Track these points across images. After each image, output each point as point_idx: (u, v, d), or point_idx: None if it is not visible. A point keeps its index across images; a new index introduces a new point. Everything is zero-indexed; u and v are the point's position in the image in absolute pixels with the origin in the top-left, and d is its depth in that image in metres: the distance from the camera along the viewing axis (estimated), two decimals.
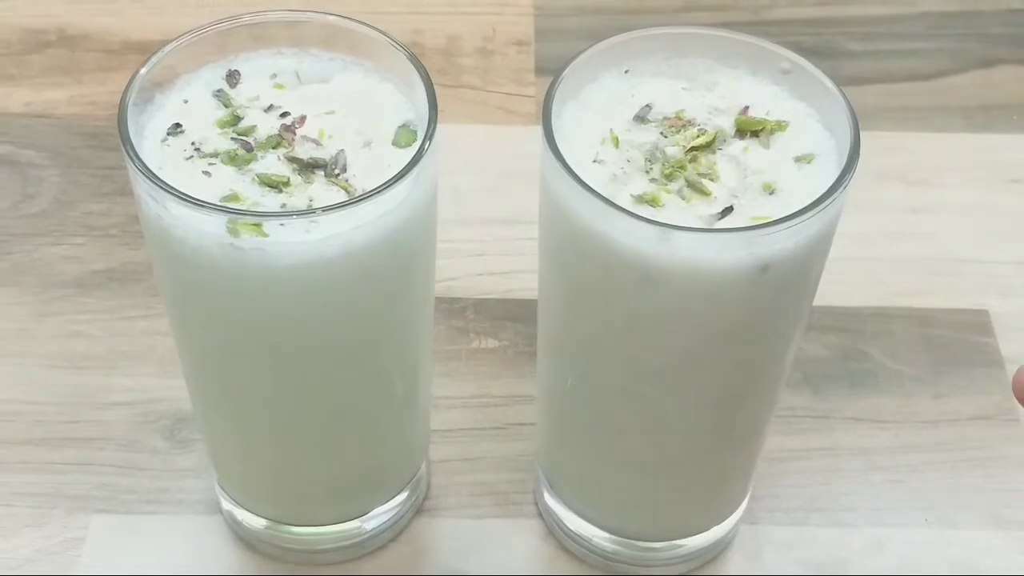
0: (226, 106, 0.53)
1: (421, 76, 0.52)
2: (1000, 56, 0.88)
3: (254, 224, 0.48)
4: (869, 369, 0.71)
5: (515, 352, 0.71)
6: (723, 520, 0.62)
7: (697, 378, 0.53)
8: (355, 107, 0.53)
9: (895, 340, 0.72)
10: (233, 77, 0.54)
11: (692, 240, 0.48)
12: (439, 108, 0.51)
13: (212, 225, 0.48)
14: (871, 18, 0.91)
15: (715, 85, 0.54)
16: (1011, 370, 0.71)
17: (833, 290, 0.73)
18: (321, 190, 0.50)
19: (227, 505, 0.63)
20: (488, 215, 0.77)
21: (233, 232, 0.48)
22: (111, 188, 0.79)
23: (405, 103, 0.54)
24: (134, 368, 0.70)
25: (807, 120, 0.53)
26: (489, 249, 0.76)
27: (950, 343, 0.72)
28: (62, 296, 0.73)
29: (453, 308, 0.73)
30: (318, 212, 0.48)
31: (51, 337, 0.71)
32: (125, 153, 0.50)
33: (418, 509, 0.65)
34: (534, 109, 0.84)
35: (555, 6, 0.90)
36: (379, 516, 0.63)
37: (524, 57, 0.87)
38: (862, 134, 0.50)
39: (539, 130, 0.52)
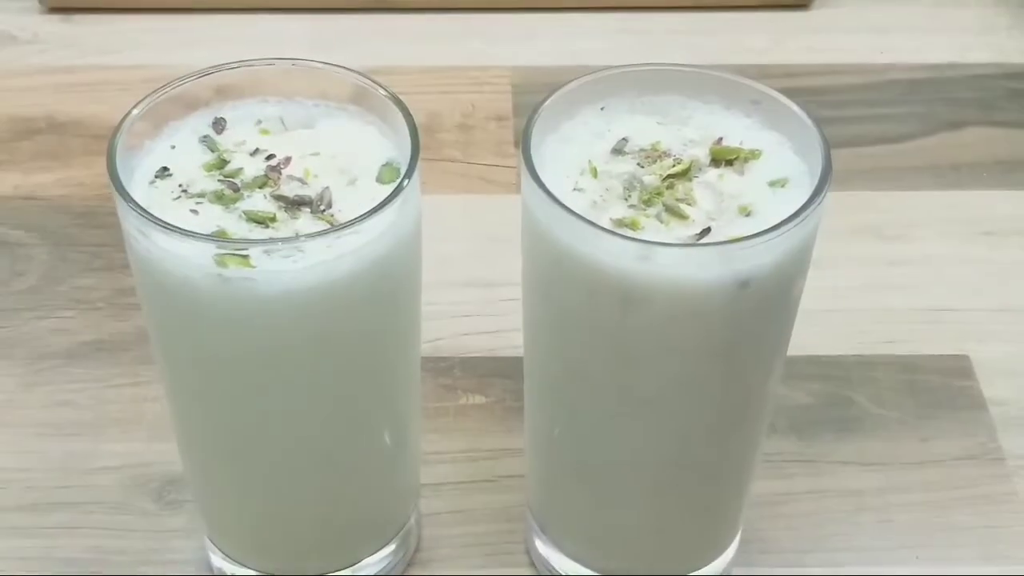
0: (212, 151, 0.55)
1: (402, 113, 0.54)
2: (967, 118, 0.91)
3: (241, 256, 0.49)
4: (854, 415, 0.72)
5: (503, 408, 0.72)
6: (715, 559, 0.62)
7: (683, 404, 0.54)
8: (339, 148, 0.55)
9: (879, 386, 0.73)
10: (219, 124, 0.56)
11: (672, 256, 0.49)
12: (422, 180, 0.53)
13: (199, 257, 0.49)
14: (842, 87, 0.93)
15: (689, 119, 0.56)
16: (994, 411, 0.72)
17: (816, 340, 0.75)
18: (307, 225, 0.51)
19: (217, 561, 0.63)
20: (473, 278, 0.78)
21: (220, 263, 0.49)
22: (99, 264, 0.80)
23: (388, 143, 0.55)
24: (123, 434, 0.70)
25: (780, 148, 0.54)
26: (474, 310, 0.77)
27: (934, 387, 0.73)
28: (51, 367, 0.74)
29: (440, 367, 0.73)
30: (302, 238, 0.49)
31: (41, 406, 0.72)
32: (114, 190, 0.51)
33: (409, 562, 0.65)
34: (514, 179, 0.85)
35: (532, 83, 0.92)
36: (369, 567, 0.63)
37: (503, 131, 0.89)
38: (836, 194, 0.52)
39: (520, 198, 0.53)
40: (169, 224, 0.49)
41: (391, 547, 0.63)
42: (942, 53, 0.96)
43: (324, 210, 0.52)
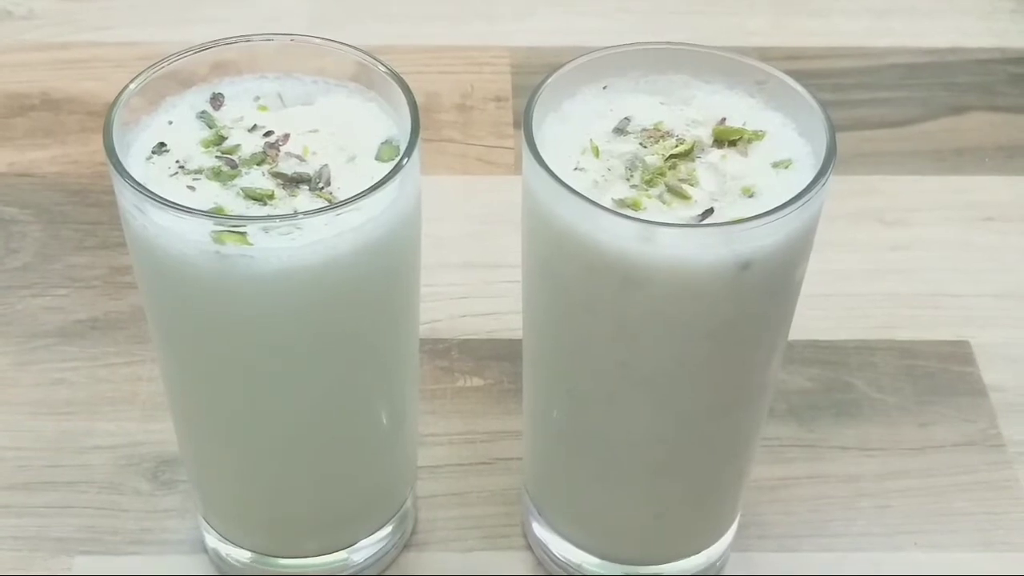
0: (210, 127, 0.54)
1: (402, 90, 0.53)
2: (969, 103, 0.90)
3: (239, 233, 0.49)
4: (854, 400, 0.71)
5: (500, 390, 0.71)
6: (713, 543, 0.62)
7: (683, 385, 0.54)
8: (338, 125, 0.54)
9: (878, 371, 0.73)
10: (217, 100, 0.55)
11: (674, 237, 0.49)
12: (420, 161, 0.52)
13: (196, 234, 0.49)
14: (842, 70, 0.93)
15: (692, 99, 0.55)
16: (995, 398, 0.71)
17: (815, 325, 0.74)
18: (306, 202, 0.51)
19: (211, 542, 0.63)
20: (470, 259, 0.78)
21: (218, 240, 0.49)
22: (94, 242, 0.79)
23: (388, 121, 0.54)
24: (117, 413, 0.70)
25: (783, 129, 0.54)
26: (472, 292, 0.76)
27: (933, 373, 0.73)
28: (45, 345, 0.73)
29: (437, 349, 0.73)
30: (300, 215, 0.49)
31: (34, 385, 0.71)
32: (110, 165, 0.50)
33: (406, 543, 0.64)
34: (513, 160, 0.85)
35: (531, 64, 0.91)
36: (366, 549, 0.62)
37: (502, 112, 0.88)
38: (837, 178, 0.51)
39: (519, 179, 0.53)
40: (166, 200, 0.49)
41: (387, 529, 0.63)
42: (943, 37, 0.95)
43: (323, 188, 0.51)
